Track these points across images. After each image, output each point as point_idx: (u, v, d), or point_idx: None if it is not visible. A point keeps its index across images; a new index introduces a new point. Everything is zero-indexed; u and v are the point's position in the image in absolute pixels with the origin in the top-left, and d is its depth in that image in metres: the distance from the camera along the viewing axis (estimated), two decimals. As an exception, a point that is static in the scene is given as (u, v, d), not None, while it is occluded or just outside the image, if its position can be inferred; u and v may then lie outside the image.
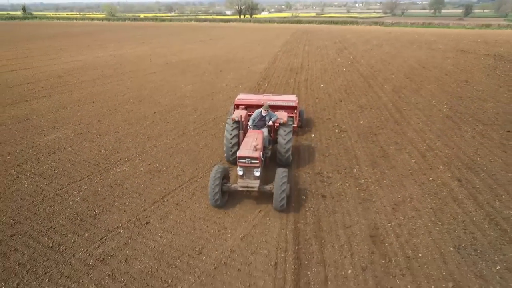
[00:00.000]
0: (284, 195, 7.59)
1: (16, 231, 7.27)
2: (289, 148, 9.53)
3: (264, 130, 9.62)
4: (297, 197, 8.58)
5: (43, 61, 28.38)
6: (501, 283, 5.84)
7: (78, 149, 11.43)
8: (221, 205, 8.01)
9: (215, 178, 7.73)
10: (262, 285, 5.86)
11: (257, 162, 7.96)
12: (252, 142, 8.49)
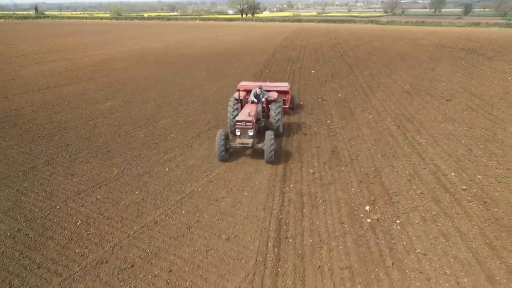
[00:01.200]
0: (273, 152, 10.05)
1: (112, 148, 11.68)
2: (279, 119, 12.03)
3: (258, 105, 12.05)
4: (287, 134, 12.93)
5: (75, 54, 32.83)
6: (393, 166, 10.17)
7: (131, 111, 15.83)
8: (225, 158, 10.53)
9: (220, 139, 10.21)
10: (265, 172, 10.21)
11: (250, 125, 10.51)
12: (247, 111, 11.09)
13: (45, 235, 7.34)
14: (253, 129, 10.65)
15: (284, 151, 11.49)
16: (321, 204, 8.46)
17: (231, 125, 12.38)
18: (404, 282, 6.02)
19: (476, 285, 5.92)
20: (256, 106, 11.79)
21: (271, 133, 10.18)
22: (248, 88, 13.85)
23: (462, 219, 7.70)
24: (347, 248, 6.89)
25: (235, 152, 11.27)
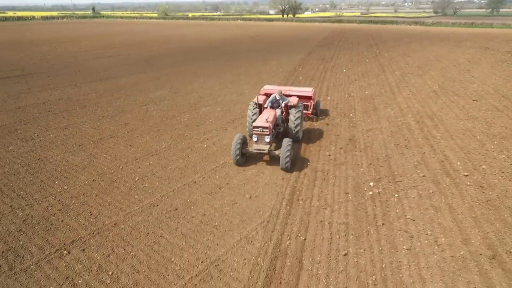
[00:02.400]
0: (289, 159, 9.85)
1: (161, 128, 13.98)
2: (298, 124, 11.74)
3: (277, 111, 11.84)
4: (310, 124, 14.42)
5: (128, 50, 36.52)
6: (403, 154, 11.28)
7: (176, 100, 18.19)
8: (241, 163, 10.46)
9: (236, 143, 10.21)
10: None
11: (267, 131, 10.28)
12: (265, 116, 10.83)
13: (113, 185, 9.61)
14: (270, 135, 10.45)
15: (306, 138, 13.01)
16: (332, 178, 9.93)
17: (250, 129, 12.11)
18: (390, 237, 7.38)
19: (451, 243, 7.13)
20: (275, 112, 11.58)
21: (289, 141, 10.03)
22: (271, 92, 13.63)
23: (456, 198, 8.79)
24: (347, 211, 8.36)
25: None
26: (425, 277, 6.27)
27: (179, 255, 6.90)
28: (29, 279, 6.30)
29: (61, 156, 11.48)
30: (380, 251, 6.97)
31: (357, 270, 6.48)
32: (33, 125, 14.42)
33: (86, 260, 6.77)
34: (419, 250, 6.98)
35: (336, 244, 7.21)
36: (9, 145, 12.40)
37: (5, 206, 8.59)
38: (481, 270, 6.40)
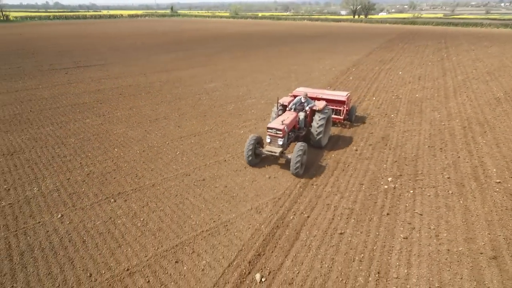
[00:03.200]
0: (299, 164, 9.45)
1: (207, 114, 15.61)
2: (321, 132, 11.13)
3: (301, 114, 11.42)
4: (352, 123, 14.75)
5: (195, 47, 39.70)
6: (434, 156, 11.06)
7: (227, 92, 19.79)
8: (253, 163, 10.33)
9: (249, 144, 10.14)
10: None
11: (280, 133, 9.90)
12: (282, 118, 10.54)
13: (158, 156, 11.36)
14: (283, 138, 10.08)
15: (338, 134, 13.42)
16: (351, 170, 10.36)
17: None
18: (390, 226, 7.71)
19: (452, 239, 7.22)
20: (295, 115, 11.17)
21: (301, 146, 9.64)
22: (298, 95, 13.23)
23: (476, 201, 8.61)
24: (356, 199, 8.81)
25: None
26: (412, 263, 6.58)
27: (197, 214, 8.18)
28: (84, 215, 8.16)
29: (123, 130, 13.73)
30: (376, 236, 7.38)
31: (347, 247, 7.04)
32: (106, 104, 17.22)
33: (126, 208, 8.44)
34: (415, 240, 7.23)
35: (336, 224, 7.80)
36: (86, 118, 15.14)
37: (77, 163, 10.85)
38: (475, 266, 6.47)
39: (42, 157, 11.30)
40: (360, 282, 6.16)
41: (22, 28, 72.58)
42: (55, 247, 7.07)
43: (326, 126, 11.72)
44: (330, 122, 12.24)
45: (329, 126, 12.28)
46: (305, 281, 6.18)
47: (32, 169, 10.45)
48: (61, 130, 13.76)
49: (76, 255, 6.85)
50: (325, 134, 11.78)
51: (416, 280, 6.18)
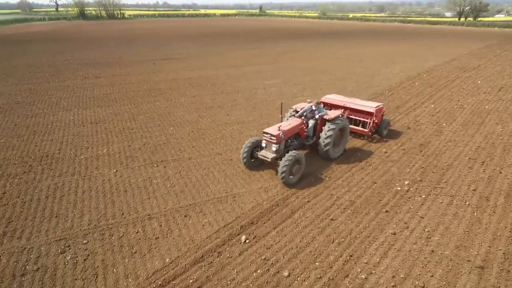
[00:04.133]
0: (285, 174, 9.16)
1: (256, 107, 17.04)
2: (328, 143, 10.50)
3: (310, 122, 11.06)
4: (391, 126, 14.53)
5: (267, 46, 41.59)
6: (470, 168, 10.44)
7: (283, 89, 20.90)
8: (248, 165, 10.32)
9: (246, 147, 10.20)
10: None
11: (274, 139, 9.66)
12: (281, 124, 10.18)
13: (201, 137, 13.23)
14: (277, 144, 9.82)
15: (376, 137, 13.43)
16: (370, 170, 10.60)
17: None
18: (384, 221, 8.01)
19: (443, 243, 7.24)
20: (300, 122, 10.74)
21: (291, 155, 9.32)
22: (331, 102, 13.34)
23: (493, 216, 8.19)
24: (362, 194, 9.18)
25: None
26: (388, 255, 6.93)
27: (215, 185, 9.66)
28: (132, 173, 10.36)
29: (182, 113, 16.08)
30: (365, 227, 7.81)
31: (332, 231, 7.66)
32: (176, 91, 20.02)
33: (163, 172, 10.40)
34: (402, 237, 7.45)
35: (331, 211, 8.42)
36: (156, 101, 18.02)
37: (138, 135, 13.39)
38: (454, 270, 6.52)
39: (116, 128, 14.19)
40: (329, 259, 6.82)
41: (132, 25, 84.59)
42: (106, 191, 9.33)
43: (340, 137, 11.25)
44: (345, 134, 11.39)
45: (345, 138, 11.46)
46: (281, 249, 7.11)
47: (107, 135, 13.31)
48: (135, 108, 16.78)
49: (117, 199, 8.97)
50: (337, 146, 11.22)
51: (384, 268, 6.57)
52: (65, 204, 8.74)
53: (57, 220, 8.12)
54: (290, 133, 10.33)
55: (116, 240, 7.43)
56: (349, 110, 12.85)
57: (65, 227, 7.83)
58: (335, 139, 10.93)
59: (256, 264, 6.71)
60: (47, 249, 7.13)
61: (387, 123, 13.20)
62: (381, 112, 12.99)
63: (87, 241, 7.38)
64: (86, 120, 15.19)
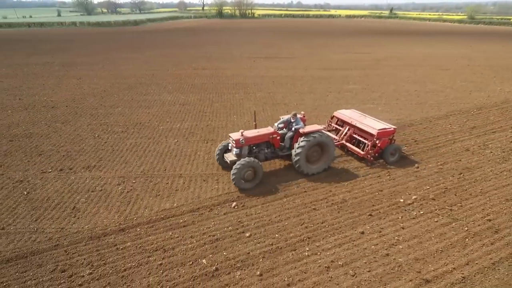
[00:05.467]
0: (234, 176, 9.68)
1: (319, 107, 18.14)
2: (299, 156, 10.42)
3: (289, 133, 11.15)
4: (428, 138, 13.59)
5: (372, 51, 40.16)
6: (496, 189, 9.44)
7: (357, 94, 21.09)
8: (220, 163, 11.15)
9: (218, 149, 11.15)
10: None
11: (235, 144, 10.26)
12: (247, 131, 10.67)
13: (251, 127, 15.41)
14: (238, 149, 10.38)
15: (421, 146, 12.96)
16: (384, 177, 10.81)
17: None
18: (360, 222, 8.60)
19: (403, 252, 7.53)
20: (271, 132, 10.88)
21: (246, 160, 9.84)
22: (340, 117, 13.24)
23: (485, 247, 7.77)
24: (359, 196, 9.77)
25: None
26: (341, 245, 7.74)
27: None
28: (188, 144, 13.40)
29: (249, 106, 18.56)
30: (339, 221, 8.62)
31: (307, 217, 8.79)
32: (256, 87, 22.68)
33: (208, 148, 13.09)
34: (368, 238, 8.03)
35: (319, 203, 9.43)
36: (236, 93, 21.03)
37: (207, 118, 16.52)
38: (395, 274, 6.94)
39: (194, 110, 17.74)
40: (288, 235, 8.09)
41: (256, 23, 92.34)
42: (163, 153, 12.57)
43: (321, 153, 11.06)
44: (328, 151, 11.00)
45: (328, 155, 11.07)
46: (256, 218, 8.73)
47: (185, 115, 16.93)
48: (217, 97, 20.18)
49: (167, 160, 12.06)
50: (315, 162, 11.03)
51: (329, 254, 7.48)
52: (134, 156, 12.34)
53: (126, 165, 11.69)
54: (254, 141, 10.63)
55: (152, 185, 10.41)
56: (354, 129, 12.49)
57: (127, 170, 11.30)
58: (312, 154, 10.85)
59: (230, 222, 8.58)
60: (111, 180, 10.64)
61: (396, 149, 11.89)
62: (388, 136, 11.80)
63: (135, 181, 10.61)
64: (177, 101, 19.34)
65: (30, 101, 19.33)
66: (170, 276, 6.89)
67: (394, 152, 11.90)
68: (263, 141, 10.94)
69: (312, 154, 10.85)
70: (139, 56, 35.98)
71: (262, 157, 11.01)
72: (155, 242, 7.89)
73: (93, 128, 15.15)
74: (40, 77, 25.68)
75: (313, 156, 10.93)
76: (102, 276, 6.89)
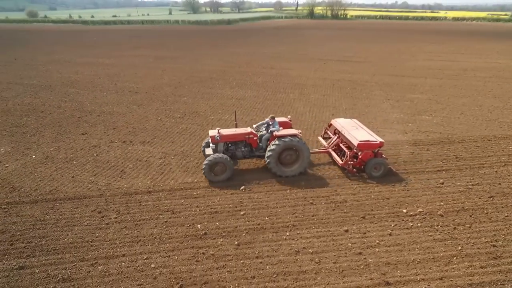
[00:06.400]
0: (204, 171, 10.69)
1: (369, 107, 18.01)
2: (270, 158, 10.84)
3: (266, 135, 11.64)
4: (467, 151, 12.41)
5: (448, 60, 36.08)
6: None
7: (414, 103, 19.97)
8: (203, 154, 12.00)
9: (204, 142, 12.09)
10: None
11: (211, 140, 11.19)
12: (224, 130, 11.61)
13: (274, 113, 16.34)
14: (214, 145, 11.33)
15: (449, 164, 12.15)
16: (399, 189, 10.69)
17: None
18: (350, 221, 9.00)
19: (377, 254, 7.82)
20: (247, 132, 11.60)
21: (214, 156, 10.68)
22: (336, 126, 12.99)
23: (461, 264, 7.50)
24: (361, 199, 10.05)
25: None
26: (319, 237, 8.38)
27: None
28: (226, 133, 15.15)
29: (297, 106, 19.40)
30: (329, 218, 9.19)
31: (301, 209, 9.57)
32: (314, 88, 23.27)
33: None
34: (349, 236, 8.47)
35: (318, 200, 10.07)
36: (290, 93, 22.02)
37: (249, 112, 18.01)
38: (358, 271, 7.38)
39: (246, 105, 19.44)
40: (277, 220, 9.06)
41: (344, 25, 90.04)
42: (195, 135, 14.53)
43: (296, 158, 11.23)
44: (302, 156, 11.13)
45: (302, 160, 11.20)
46: (255, 202, 9.89)
47: (236, 109, 18.69)
48: (271, 95, 21.55)
49: (195, 142, 13.95)
50: (289, 165, 11.26)
51: (305, 241, 8.23)
52: (180, 138, 14.63)
53: (172, 144, 14.03)
54: (229, 139, 11.41)
55: (185, 162, 12.43)
56: (341, 138, 12.42)
57: (171, 148, 13.59)
58: (286, 157, 11.13)
59: (233, 201, 9.95)
60: (156, 154, 13.01)
61: (380, 164, 11.24)
62: (372, 149, 11.27)
63: (173, 158, 12.78)
64: (235, 96, 21.34)
65: (121, 87, 23.74)
66: (169, 231, 8.63)
67: (378, 167, 11.28)
68: (239, 140, 11.64)
69: (286, 157, 11.15)
70: (218, 53, 39.58)
71: (240, 155, 11.72)
72: (169, 205, 9.76)
73: (159, 112, 18.13)
74: (135, 67, 30.82)
75: (287, 159, 11.21)
76: (123, 221, 9.03)
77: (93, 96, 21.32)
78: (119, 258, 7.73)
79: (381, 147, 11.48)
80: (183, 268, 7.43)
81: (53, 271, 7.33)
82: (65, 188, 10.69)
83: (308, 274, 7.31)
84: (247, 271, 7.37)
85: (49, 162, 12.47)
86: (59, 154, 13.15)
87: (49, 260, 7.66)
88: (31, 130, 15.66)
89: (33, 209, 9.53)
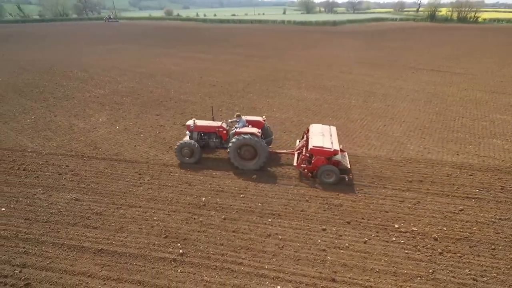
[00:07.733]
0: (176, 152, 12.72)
1: (388, 109, 16.90)
2: (229, 152, 12.19)
3: (233, 130, 12.84)
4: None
5: None
6: None
7: (439, 115, 17.50)
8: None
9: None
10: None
11: (187, 128, 13.25)
12: (200, 121, 13.53)
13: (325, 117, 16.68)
14: (190, 132, 13.36)
15: (487, 194, 10.91)
16: (407, 205, 10.40)
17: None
18: (334, 222, 9.51)
19: (340, 255, 8.30)
20: (217, 125, 13.41)
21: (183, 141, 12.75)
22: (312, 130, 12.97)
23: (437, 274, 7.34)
24: (358, 207, 10.27)
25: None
26: (297, 230, 9.23)
27: (289, 153, 13.99)
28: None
29: (352, 107, 19.37)
30: (315, 216, 9.86)
31: (295, 204, 10.46)
32: (373, 98, 22.45)
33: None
34: (321, 234, 9.09)
35: (315, 199, 10.73)
36: (352, 99, 21.86)
37: (294, 112, 18.89)
38: (316, 265, 8.08)
39: (302, 107, 20.37)
40: (268, 209, 10.22)
41: (469, 30, 78.52)
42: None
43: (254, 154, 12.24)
44: (260, 153, 12.15)
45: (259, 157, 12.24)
46: (258, 190, 11.18)
47: (290, 108, 19.87)
48: (333, 100, 21.80)
49: (244, 136, 15.72)
50: (248, 160, 12.36)
51: (281, 229, 9.21)
52: (227, 128, 16.71)
53: (218, 132, 16.24)
54: (202, 129, 13.39)
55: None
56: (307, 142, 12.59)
57: (215, 135, 15.80)
58: (245, 152, 12.28)
59: (239, 186, 11.50)
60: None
61: (332, 172, 11.45)
62: (325, 155, 11.52)
63: (213, 143, 14.95)
64: (297, 97, 22.36)
65: (204, 80, 27.42)
66: (180, 198, 10.78)
67: (330, 173, 11.53)
68: (211, 132, 13.47)
69: (245, 152, 12.33)
70: (305, 54, 40.59)
71: (212, 145, 13.56)
72: (190, 178, 11.94)
73: (220, 105, 20.69)
74: (224, 64, 34.59)
75: (246, 154, 12.37)
76: (152, 183, 11.60)
77: (179, 86, 25.41)
78: (136, 208, 10.23)
79: (335, 155, 11.71)
80: (174, 225, 9.44)
81: (93, 206, 10.30)
82: (126, 153, 14.01)
83: (267, 254, 8.40)
84: (219, 239, 8.91)
85: (125, 132, 16.22)
86: (134, 127, 16.86)
87: (94, 198, 10.71)
88: (124, 107, 20.17)
89: (100, 164, 13.01)
